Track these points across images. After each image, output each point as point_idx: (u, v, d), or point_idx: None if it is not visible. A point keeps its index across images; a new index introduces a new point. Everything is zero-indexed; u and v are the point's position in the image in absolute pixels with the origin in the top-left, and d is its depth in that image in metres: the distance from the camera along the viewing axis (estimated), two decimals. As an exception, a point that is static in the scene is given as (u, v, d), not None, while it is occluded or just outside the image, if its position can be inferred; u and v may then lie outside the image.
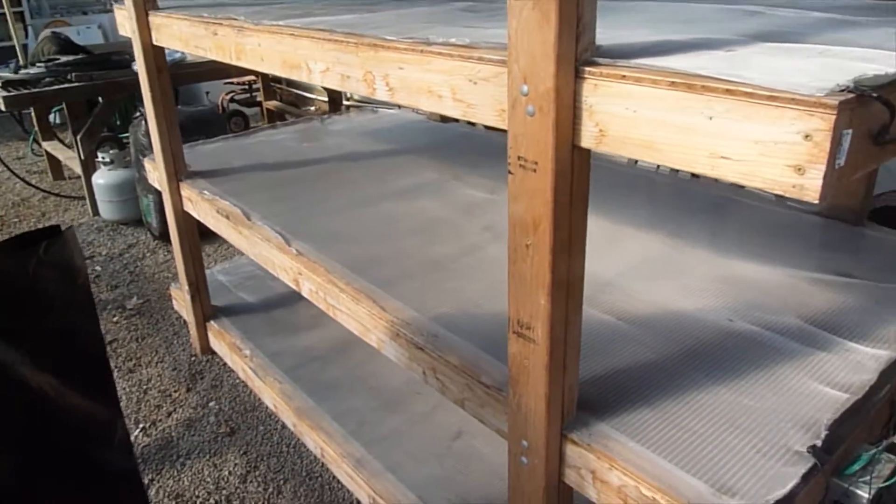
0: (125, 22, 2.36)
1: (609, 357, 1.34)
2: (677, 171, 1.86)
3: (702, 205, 2.09)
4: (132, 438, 2.36)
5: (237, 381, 2.62)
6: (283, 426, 2.35)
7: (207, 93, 6.07)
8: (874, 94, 0.69)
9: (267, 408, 2.43)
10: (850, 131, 0.70)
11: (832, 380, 1.24)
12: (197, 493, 2.12)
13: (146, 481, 2.16)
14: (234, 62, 1.78)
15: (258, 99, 6.05)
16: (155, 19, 2.21)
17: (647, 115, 0.83)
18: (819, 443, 1.08)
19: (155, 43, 2.26)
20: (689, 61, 0.88)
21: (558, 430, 1.14)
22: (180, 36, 2.06)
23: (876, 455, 1.10)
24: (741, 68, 0.81)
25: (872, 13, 1.36)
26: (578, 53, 0.89)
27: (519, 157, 0.97)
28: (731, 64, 0.86)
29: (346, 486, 2.01)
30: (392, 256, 1.80)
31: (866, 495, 1.07)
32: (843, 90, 0.70)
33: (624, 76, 0.85)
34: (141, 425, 2.43)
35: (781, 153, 0.72)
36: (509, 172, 0.99)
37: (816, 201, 0.71)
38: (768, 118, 0.72)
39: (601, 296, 1.57)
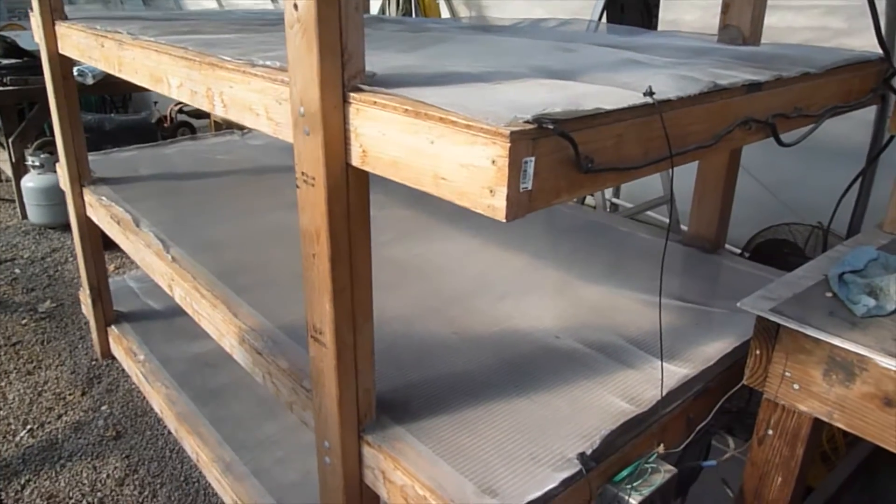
0: (35, 29, 2.41)
1: (430, 367, 1.41)
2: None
3: (572, 228, 2.19)
4: (17, 439, 2.37)
5: (132, 386, 2.64)
6: (169, 431, 2.38)
7: (156, 102, 6.09)
8: (551, 127, 0.78)
9: (156, 413, 2.46)
10: (532, 159, 0.79)
11: (628, 394, 1.33)
12: (71, 494, 2.13)
13: (22, 482, 2.17)
14: (117, 73, 1.85)
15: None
16: (60, 29, 2.27)
17: (392, 138, 0.92)
18: (589, 451, 1.16)
19: (61, 52, 2.32)
20: (447, 92, 0.97)
21: (355, 431, 1.21)
22: (78, 46, 2.12)
23: (643, 464, 1.18)
24: (473, 99, 0.90)
25: (691, 57, 1.47)
26: (346, 80, 0.97)
27: (302, 173, 1.05)
28: (479, 95, 0.95)
29: (216, 490, 2.04)
30: (260, 265, 1.86)
31: (633, 501, 1.16)
32: (526, 122, 0.79)
33: (375, 102, 0.93)
34: (28, 426, 2.44)
35: (479, 176, 0.81)
36: (297, 187, 1.07)
37: (504, 220, 0.80)
38: (468, 144, 0.81)
39: (446, 310, 1.65)
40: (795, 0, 2.96)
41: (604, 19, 2.78)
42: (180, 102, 6.21)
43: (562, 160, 0.83)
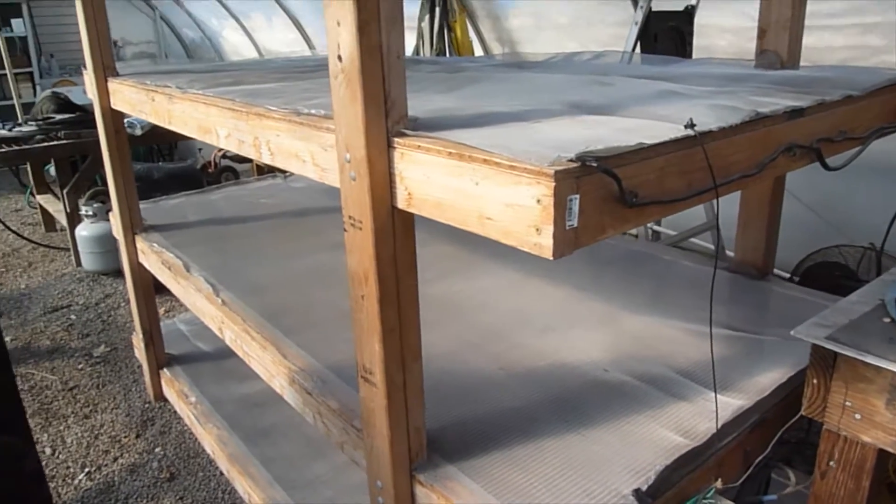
0: (89, 86, 2.54)
1: (478, 404, 1.41)
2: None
3: (615, 259, 2.18)
4: (76, 482, 2.43)
5: (184, 427, 2.69)
6: (221, 472, 2.41)
7: (200, 149, 6.29)
8: (594, 164, 0.79)
9: (208, 454, 2.50)
10: (576, 196, 0.80)
11: (681, 427, 1.31)
12: (128, 537, 2.17)
13: (81, 525, 2.22)
14: (167, 126, 1.93)
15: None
16: (112, 85, 2.38)
17: (436, 181, 0.94)
18: (644, 487, 1.14)
19: (113, 106, 2.43)
20: (488, 133, 0.99)
21: (407, 470, 1.21)
22: (129, 101, 2.23)
23: (700, 499, 1.16)
24: (515, 140, 0.92)
25: (729, 84, 1.47)
26: (390, 126, 1.00)
27: (350, 217, 1.08)
28: (520, 134, 0.97)
29: (268, 531, 2.05)
30: (306, 306, 1.90)
31: (691, 536, 1.13)
32: (569, 160, 0.80)
33: (419, 147, 0.96)
34: (87, 469, 2.50)
35: (525, 215, 0.82)
36: (344, 230, 1.10)
37: (551, 258, 0.81)
38: (512, 185, 0.82)
39: (488, 345, 1.65)
40: (832, 20, 2.93)
41: (637, 49, 2.80)
42: (223, 149, 6.42)
43: (606, 196, 0.84)
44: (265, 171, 6.15)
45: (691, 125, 0.95)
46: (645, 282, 2.00)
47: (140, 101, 2.11)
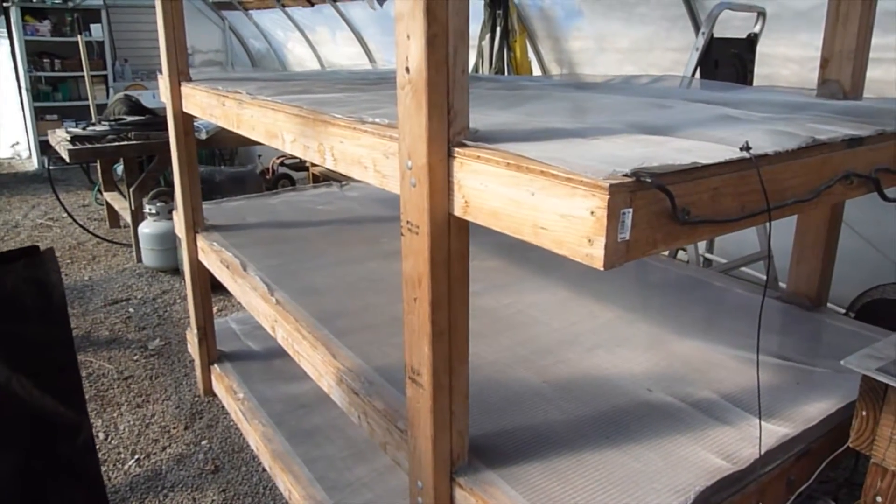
0: (163, 89, 2.67)
1: (521, 415, 1.43)
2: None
3: (665, 283, 2.17)
4: (126, 468, 2.53)
5: (231, 422, 2.77)
6: (263, 468, 2.47)
7: (260, 156, 6.49)
8: (648, 180, 0.82)
9: (252, 450, 2.57)
10: (630, 210, 0.82)
11: (724, 451, 1.30)
12: (172, 523, 2.25)
13: (129, 508, 2.31)
14: (236, 130, 2.02)
15: (306, 164, 6.43)
16: (185, 90, 2.50)
17: (493, 190, 0.98)
18: (683, 505, 1.14)
19: (184, 110, 2.55)
20: (546, 147, 1.02)
21: (448, 473, 1.24)
22: (200, 105, 2.34)
23: (740, 522, 1.15)
24: (571, 154, 0.95)
25: (788, 112, 1.47)
26: (451, 136, 1.05)
27: (407, 222, 1.12)
28: (577, 149, 1.00)
29: (306, 528, 2.10)
30: (357, 310, 1.95)
31: (729, 561, 1.13)
32: (624, 175, 0.83)
33: (479, 157, 1.00)
34: (136, 456, 2.60)
35: (578, 226, 0.85)
36: (401, 234, 1.14)
37: (602, 268, 0.83)
38: (567, 196, 0.85)
39: (537, 360, 1.67)
40: (901, 53, 2.88)
41: (697, 75, 2.80)
42: (282, 155, 6.60)
43: (658, 212, 0.86)
44: (320, 179, 6.30)
45: (747, 148, 0.97)
46: (694, 307, 1.99)
47: (211, 106, 2.21)
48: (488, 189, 0.98)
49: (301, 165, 6.55)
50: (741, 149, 0.97)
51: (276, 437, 2.38)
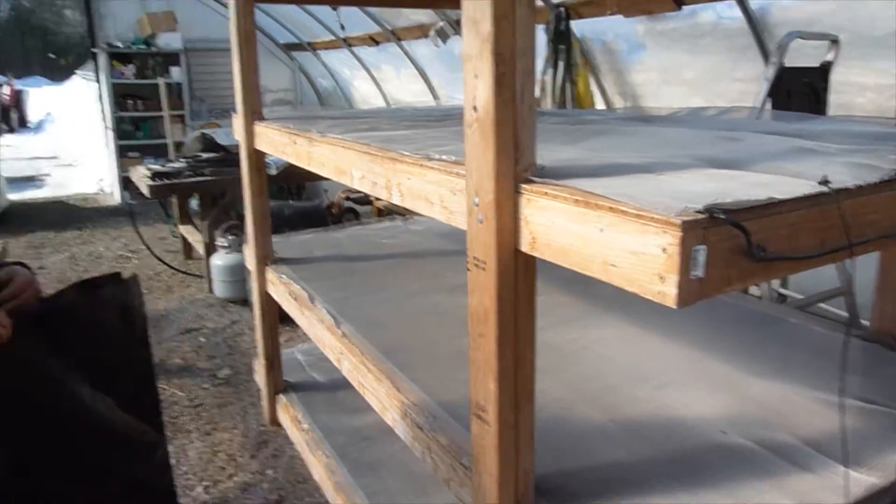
0: (237, 128, 2.79)
1: (587, 454, 1.40)
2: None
3: (736, 319, 2.10)
4: (194, 494, 2.59)
5: (295, 453, 2.81)
6: (326, 500, 2.49)
7: (326, 190, 6.66)
8: (722, 216, 0.80)
9: (315, 481, 2.59)
10: (703, 247, 0.81)
11: (805, 499, 1.24)
12: (238, 552, 2.28)
13: (197, 535, 2.35)
14: (306, 166, 2.09)
15: (371, 198, 6.56)
16: (258, 128, 2.61)
17: (561, 226, 0.97)
18: (763, 556, 1.08)
19: (257, 147, 2.65)
20: (614, 182, 1.02)
21: (513, 512, 1.22)
22: (272, 142, 2.43)
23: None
24: (641, 189, 0.94)
25: (868, 143, 1.42)
26: (518, 172, 1.05)
27: (474, 257, 1.13)
28: (646, 185, 0.99)
29: (368, 563, 2.09)
30: (421, 344, 1.96)
31: None
32: (697, 211, 0.81)
33: (546, 193, 1.00)
34: (204, 483, 2.66)
35: (649, 263, 0.84)
36: (467, 269, 1.15)
37: (675, 306, 0.81)
38: (638, 233, 0.84)
39: (604, 397, 1.63)
40: None
41: (768, 105, 2.73)
42: (348, 190, 6.76)
43: (733, 249, 0.84)
44: (384, 212, 6.41)
45: (826, 182, 0.93)
46: (769, 345, 1.92)
47: (282, 143, 2.29)
48: (556, 225, 0.98)
49: (365, 199, 6.68)
50: (819, 182, 0.94)
51: (340, 469, 2.39)
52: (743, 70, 3.69)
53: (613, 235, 0.88)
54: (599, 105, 4.49)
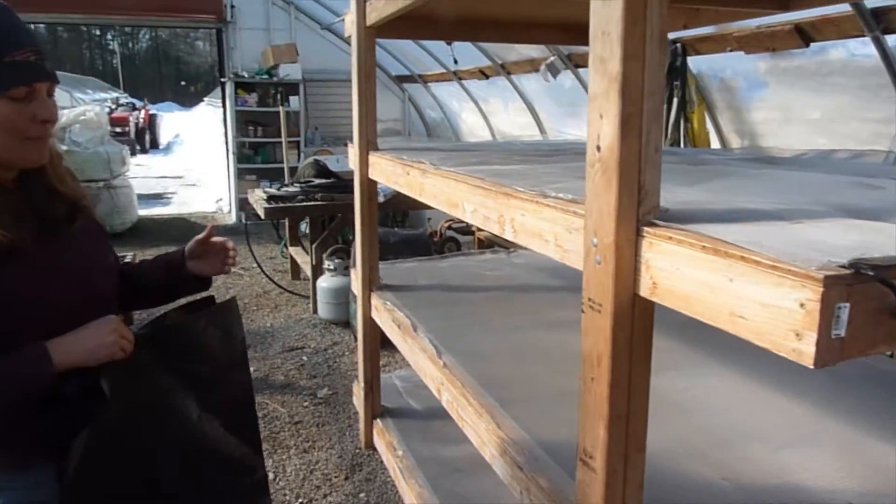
0: (352, 157, 2.89)
1: (697, 511, 1.33)
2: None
3: (863, 377, 1.94)
4: (291, 511, 2.66)
5: (388, 478, 2.83)
6: (417, 530, 2.48)
7: (429, 219, 6.77)
8: (870, 273, 0.75)
9: (407, 509, 2.59)
10: (846, 305, 0.75)
11: (949, 588, 1.11)
12: (329, 573, 2.31)
13: (291, 552, 2.40)
14: (417, 197, 2.13)
15: (473, 228, 6.61)
16: (372, 158, 2.69)
17: (685, 273, 0.94)
18: None
19: (370, 176, 2.74)
20: (744, 229, 0.97)
21: (617, 566, 1.17)
22: (385, 172, 2.50)
23: None
24: (774, 239, 0.89)
25: None
26: (640, 215, 1.03)
27: (589, 299, 1.11)
28: (780, 234, 0.94)
29: None
30: (522, 379, 1.93)
31: None
32: (840, 266, 0.76)
33: (670, 238, 0.97)
34: (300, 500, 2.72)
35: (784, 318, 0.79)
36: (582, 311, 1.13)
37: (812, 366, 0.76)
38: (773, 285, 0.80)
39: (715, 452, 1.55)
40: None
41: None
42: (450, 219, 6.85)
43: (880, 308, 0.78)
44: (485, 244, 6.44)
45: None
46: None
47: (395, 174, 2.36)
48: (680, 272, 0.95)
49: (467, 230, 6.74)
50: (981, 241, 0.86)
51: (432, 500, 2.39)
52: (876, 110, 3.46)
53: (744, 286, 0.84)
54: (714, 143, 4.34)
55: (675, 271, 0.96)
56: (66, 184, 1.33)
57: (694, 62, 4.25)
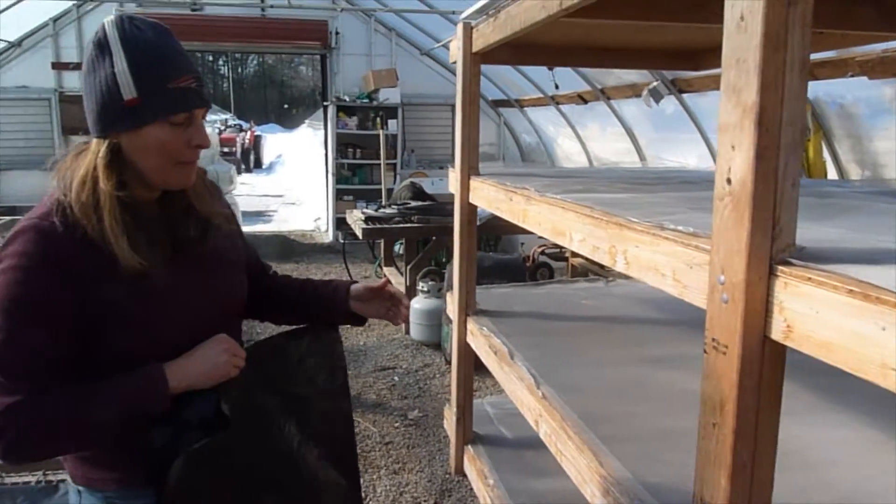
0: (453, 181, 2.91)
1: (824, 575, 1.22)
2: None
3: None
4: (380, 532, 2.66)
5: (478, 507, 2.79)
6: (507, 563, 2.42)
7: (522, 244, 6.74)
8: None
9: (496, 541, 2.54)
10: None
11: None
12: None
13: (380, 574, 2.40)
14: (520, 224, 2.11)
15: (566, 254, 6.52)
16: (473, 183, 2.70)
17: (826, 318, 0.87)
18: None
19: (470, 201, 2.75)
20: (887, 272, 0.89)
21: None
22: (487, 197, 2.49)
23: None
24: (934, 287, 0.81)
25: None
26: (774, 253, 0.97)
27: (713, 339, 1.05)
28: (937, 281, 0.86)
29: None
30: (623, 416, 1.86)
31: None
32: None
33: (809, 278, 0.90)
34: (389, 523, 2.72)
35: (950, 375, 0.71)
36: (704, 352, 1.07)
37: (985, 432, 0.68)
38: (936, 338, 0.73)
39: (841, 510, 1.43)
40: None
41: None
42: (542, 245, 6.79)
43: None
44: (578, 270, 6.33)
45: None
46: None
47: (497, 199, 2.35)
48: (819, 316, 0.88)
49: (560, 255, 6.66)
50: None
51: (524, 534, 2.33)
52: None
53: (899, 336, 0.77)
54: (831, 174, 4.10)
55: (815, 315, 0.89)
56: (204, 201, 1.35)
57: (810, 87, 4.05)
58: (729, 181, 0.99)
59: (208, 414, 1.24)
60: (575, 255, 6.27)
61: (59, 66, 8.71)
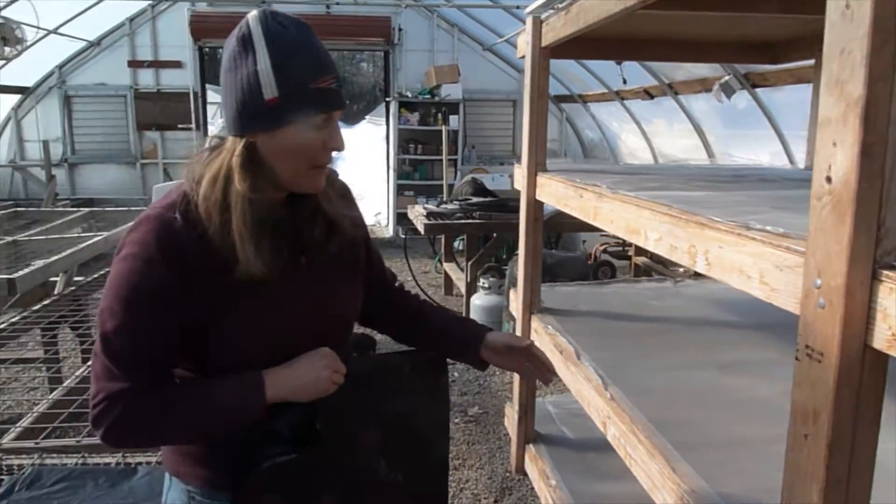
0: (519, 178, 2.88)
1: None
2: None
3: None
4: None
5: (539, 507, 2.76)
6: (569, 566, 2.39)
7: (584, 241, 6.63)
8: None
9: (558, 542, 2.51)
10: None
11: None
12: None
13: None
14: (591, 221, 2.07)
15: (629, 253, 6.39)
16: (541, 179, 2.66)
17: (940, 328, 0.81)
18: None
19: (537, 197, 2.71)
20: None
21: None
22: (555, 194, 2.45)
23: None
24: None
25: None
26: (879, 256, 0.91)
27: (807, 346, 0.99)
28: None
29: None
30: (695, 423, 1.80)
31: None
32: None
33: (920, 285, 0.84)
34: (450, 519, 2.72)
35: None
36: (796, 359, 1.02)
37: None
38: None
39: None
40: None
41: None
42: (605, 243, 6.67)
43: None
44: (642, 269, 6.19)
45: None
46: None
47: (567, 196, 2.31)
48: (932, 325, 0.82)
49: (623, 254, 6.52)
50: None
51: (587, 537, 2.29)
52: None
53: None
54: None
55: (925, 325, 0.83)
56: (332, 203, 1.28)
57: None
58: (829, 179, 0.94)
59: (301, 427, 1.18)
60: (639, 253, 6.14)
61: (134, 63, 9.04)
